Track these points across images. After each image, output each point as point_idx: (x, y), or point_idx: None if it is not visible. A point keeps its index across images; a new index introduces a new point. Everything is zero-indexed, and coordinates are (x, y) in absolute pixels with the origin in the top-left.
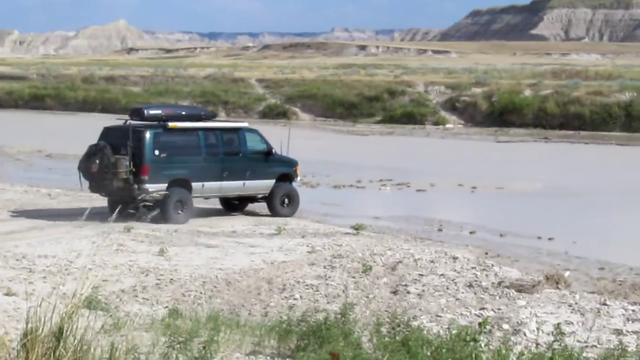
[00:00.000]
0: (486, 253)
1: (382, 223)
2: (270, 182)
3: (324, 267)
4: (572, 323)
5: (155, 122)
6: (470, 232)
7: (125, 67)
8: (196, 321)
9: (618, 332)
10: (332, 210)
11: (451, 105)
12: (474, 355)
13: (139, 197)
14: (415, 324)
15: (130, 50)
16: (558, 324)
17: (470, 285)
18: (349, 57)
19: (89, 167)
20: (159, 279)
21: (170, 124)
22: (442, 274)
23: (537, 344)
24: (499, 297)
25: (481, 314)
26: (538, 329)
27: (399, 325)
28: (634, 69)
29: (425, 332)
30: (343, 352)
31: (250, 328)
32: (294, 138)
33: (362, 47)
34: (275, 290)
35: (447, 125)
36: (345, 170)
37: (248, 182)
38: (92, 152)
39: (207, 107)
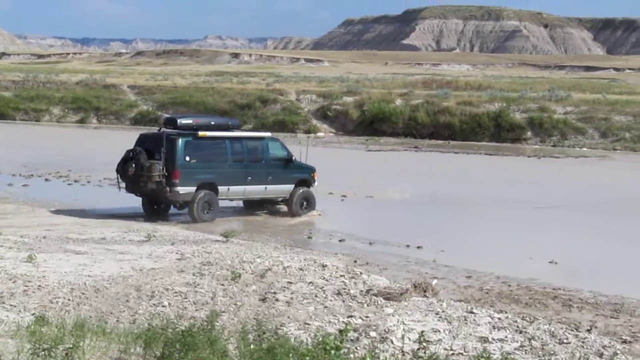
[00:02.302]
0: (355, 261)
1: (252, 230)
2: (290, 187)
3: (193, 275)
4: (439, 331)
5: (187, 131)
6: (340, 240)
7: None
8: (62, 328)
9: (484, 339)
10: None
11: (323, 114)
12: None
13: (171, 199)
14: (282, 331)
15: (2, 55)
16: (422, 331)
17: (338, 293)
18: (222, 64)
19: (126, 170)
20: (26, 286)
21: (200, 133)
22: (310, 282)
23: (403, 352)
24: (367, 305)
25: (349, 321)
26: (403, 336)
27: (264, 333)
28: (504, 79)
29: (292, 339)
30: (208, 359)
31: (116, 335)
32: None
33: (235, 55)
34: (144, 298)
35: (319, 134)
36: None
37: (269, 187)
38: (129, 157)
39: (80, 113)
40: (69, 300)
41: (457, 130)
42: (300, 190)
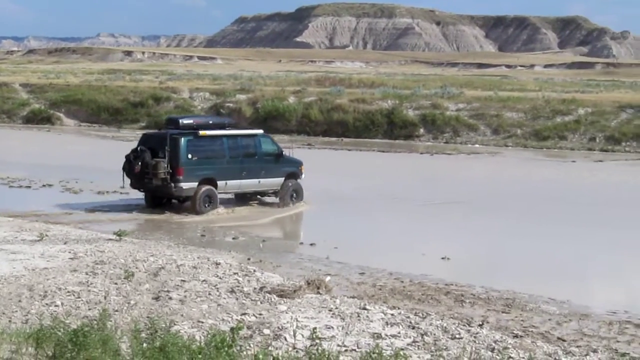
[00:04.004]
0: (249, 259)
1: (145, 229)
2: (281, 180)
3: (86, 274)
4: (333, 327)
5: (188, 130)
6: (233, 238)
7: None
8: None
9: (377, 335)
10: (95, 216)
11: (216, 112)
12: None
13: (175, 194)
14: (175, 329)
15: None
16: (314, 328)
17: (232, 291)
18: (115, 62)
19: (132, 168)
20: None
21: (201, 132)
22: (204, 280)
23: (295, 349)
24: (261, 303)
25: (243, 319)
26: (295, 333)
27: (157, 331)
28: (396, 77)
29: (185, 338)
30: (101, 358)
31: (8, 335)
32: (61, 144)
33: (128, 53)
34: (37, 297)
35: None
36: (109, 176)
37: (262, 180)
38: (135, 156)
39: None
40: None
41: (351, 127)
42: (290, 183)
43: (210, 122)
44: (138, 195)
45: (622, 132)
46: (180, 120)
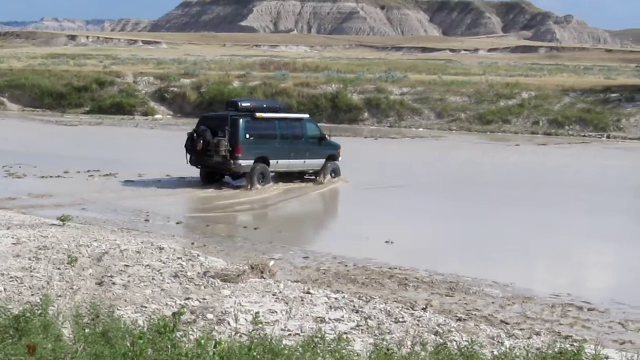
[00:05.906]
0: (193, 243)
1: (89, 214)
2: (322, 161)
3: (29, 259)
4: (277, 312)
5: (246, 113)
6: (177, 223)
7: None
8: None
9: (321, 320)
10: (38, 201)
11: (160, 96)
12: (170, 345)
13: (234, 170)
14: (118, 314)
15: None
16: (257, 313)
17: (176, 276)
18: (59, 47)
19: (194, 145)
20: None
21: (258, 115)
22: (148, 265)
23: (237, 333)
24: (205, 287)
25: (186, 304)
26: (237, 317)
27: (99, 317)
28: (341, 61)
29: (128, 323)
30: (42, 344)
31: None
32: (4, 129)
33: (72, 37)
34: None
35: (157, 116)
36: (53, 160)
37: (307, 161)
38: (197, 135)
39: None
40: None
41: (295, 111)
42: (329, 164)
43: (265, 105)
44: (82, 180)
45: (565, 116)
46: (240, 103)
